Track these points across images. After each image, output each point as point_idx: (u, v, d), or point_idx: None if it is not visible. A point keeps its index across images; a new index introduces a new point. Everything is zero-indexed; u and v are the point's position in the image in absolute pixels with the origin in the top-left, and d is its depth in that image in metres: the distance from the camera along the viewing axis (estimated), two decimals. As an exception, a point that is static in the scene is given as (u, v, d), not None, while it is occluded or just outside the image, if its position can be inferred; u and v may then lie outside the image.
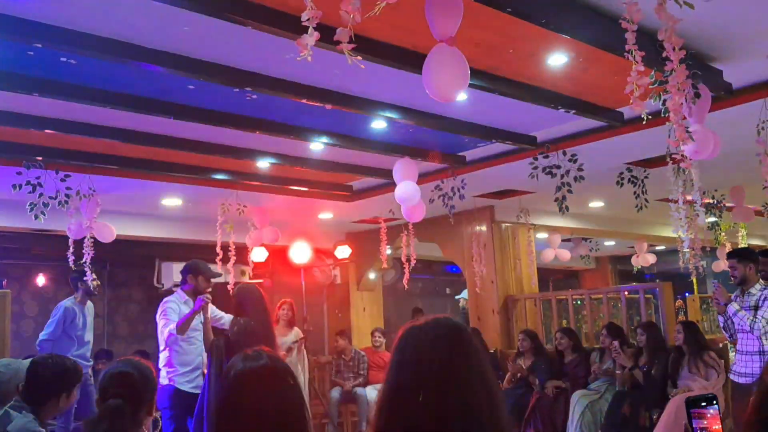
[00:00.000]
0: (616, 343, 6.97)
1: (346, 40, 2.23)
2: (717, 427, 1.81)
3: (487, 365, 1.87)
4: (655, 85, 3.72)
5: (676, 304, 10.04)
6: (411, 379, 1.78)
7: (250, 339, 4.88)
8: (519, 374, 7.79)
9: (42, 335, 6.50)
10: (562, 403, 7.33)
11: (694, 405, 1.84)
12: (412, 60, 4.29)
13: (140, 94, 5.12)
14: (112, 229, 7.25)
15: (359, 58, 2.27)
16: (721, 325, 5.99)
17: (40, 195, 6.44)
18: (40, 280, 10.03)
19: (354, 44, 2.26)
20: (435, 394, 1.73)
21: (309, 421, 2.25)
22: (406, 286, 8.33)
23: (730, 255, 6.05)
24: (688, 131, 4.13)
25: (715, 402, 1.84)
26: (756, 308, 5.54)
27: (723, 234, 9.66)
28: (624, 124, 6.02)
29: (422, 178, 7.17)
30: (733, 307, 5.65)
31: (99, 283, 6.85)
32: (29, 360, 4.12)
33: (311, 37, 2.19)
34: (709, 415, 1.82)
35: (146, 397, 2.86)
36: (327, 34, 2.53)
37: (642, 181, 7.23)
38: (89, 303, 6.87)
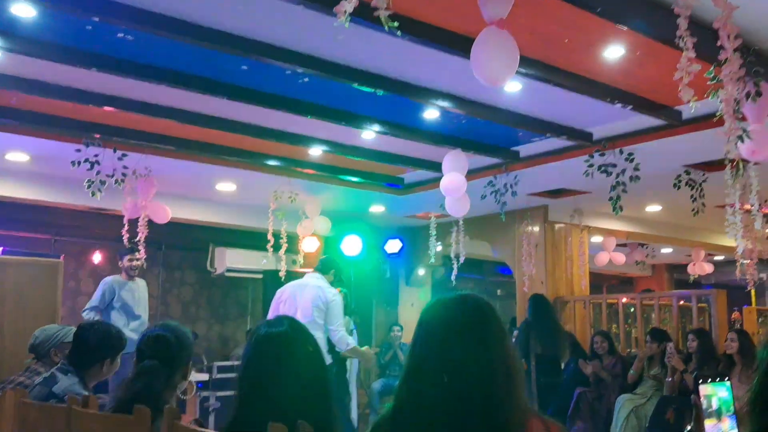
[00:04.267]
0: (671, 345, 6.81)
1: (383, 7, 2.22)
2: None
3: (510, 342, 1.86)
4: (714, 81, 3.61)
5: (733, 316, 9.74)
6: (436, 358, 1.77)
7: None
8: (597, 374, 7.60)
9: (85, 307, 6.75)
10: (604, 404, 7.22)
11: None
12: (462, 44, 4.23)
13: (195, 73, 5.19)
14: (167, 210, 7.38)
15: (397, 24, 2.25)
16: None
17: (98, 173, 6.59)
18: (96, 257, 10.28)
19: (391, 10, 2.24)
20: (460, 376, 1.72)
21: (331, 390, 2.27)
22: (453, 282, 8.27)
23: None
24: (745, 131, 4.01)
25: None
26: None
27: (785, 244, 9.33)
28: (682, 124, 5.88)
29: (475, 173, 7.11)
30: None
31: (139, 264, 6.94)
32: (64, 326, 4.29)
33: (349, 3, 2.18)
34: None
35: (181, 361, 2.89)
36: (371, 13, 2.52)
37: (700, 184, 7.03)
38: (140, 281, 7.00)
